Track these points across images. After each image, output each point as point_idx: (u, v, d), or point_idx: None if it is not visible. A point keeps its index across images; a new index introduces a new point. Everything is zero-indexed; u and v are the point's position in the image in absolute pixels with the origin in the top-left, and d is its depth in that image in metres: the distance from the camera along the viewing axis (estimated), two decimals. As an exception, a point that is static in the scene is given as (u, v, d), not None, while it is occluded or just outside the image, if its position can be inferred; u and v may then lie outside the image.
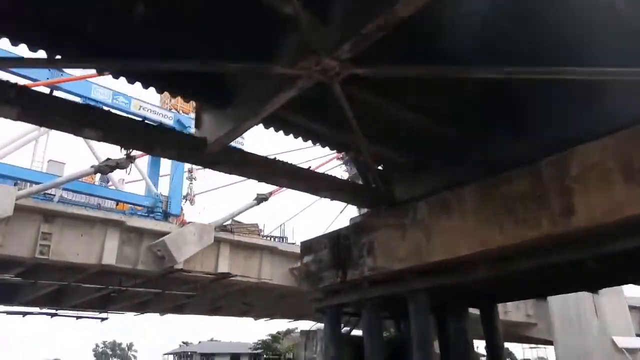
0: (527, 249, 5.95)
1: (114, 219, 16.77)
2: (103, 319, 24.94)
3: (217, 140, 6.38)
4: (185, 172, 24.82)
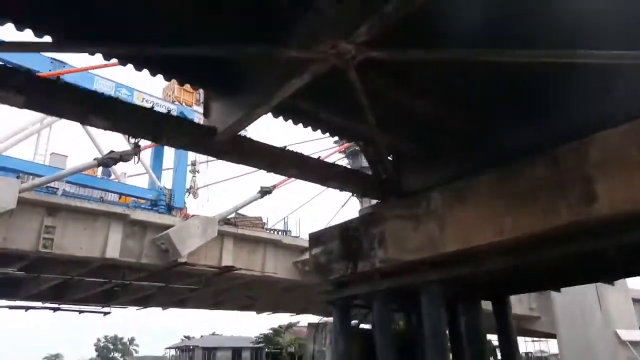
0: (545, 238, 5.81)
1: (118, 212, 16.68)
2: (106, 313, 24.95)
3: (226, 129, 6.24)
4: (188, 165, 24.72)
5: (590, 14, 4.98)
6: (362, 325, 9.38)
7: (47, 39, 5.12)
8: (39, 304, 22.21)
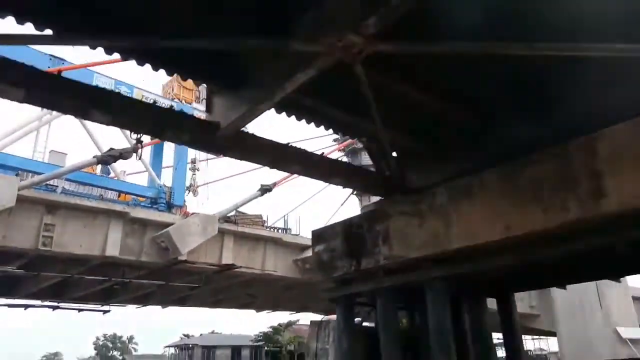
0: (554, 234, 5.74)
1: (117, 210, 16.60)
2: (105, 312, 24.85)
3: (229, 125, 6.15)
4: (188, 162, 24.63)
5: (591, 8, 4.91)
6: (364, 323, 9.31)
7: (48, 32, 5.05)
8: (38, 302, 22.13)
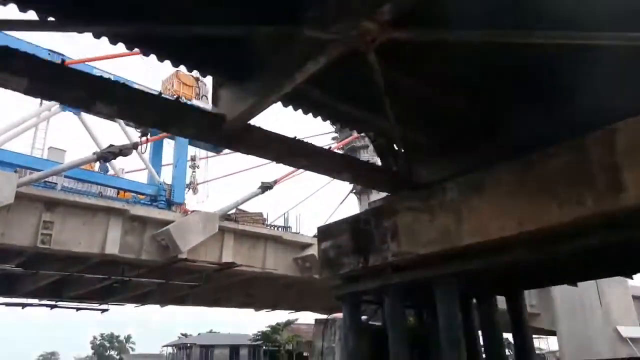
0: (569, 229, 5.60)
1: (117, 207, 16.44)
2: (103, 311, 24.67)
3: (236, 117, 5.99)
4: (188, 160, 24.45)
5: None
6: (370, 321, 9.16)
7: (51, 18, 4.90)
8: (36, 301, 21.93)
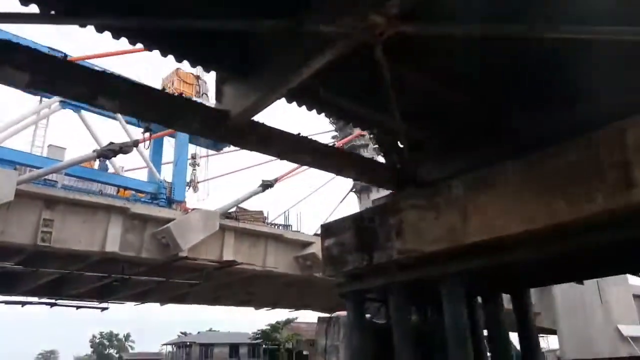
0: (579, 226, 5.52)
1: (118, 205, 16.35)
2: (103, 309, 24.55)
3: (240, 113, 5.93)
4: (188, 158, 24.36)
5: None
6: (373, 319, 9.09)
7: (52, 12, 4.82)
8: (36, 299, 21.83)
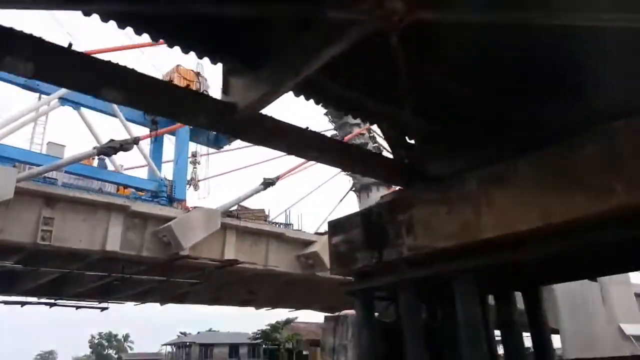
0: (598, 221, 5.35)
1: (118, 203, 16.18)
2: (103, 309, 24.39)
3: (248, 106, 5.75)
4: (189, 157, 24.17)
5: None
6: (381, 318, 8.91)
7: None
8: (35, 299, 21.64)
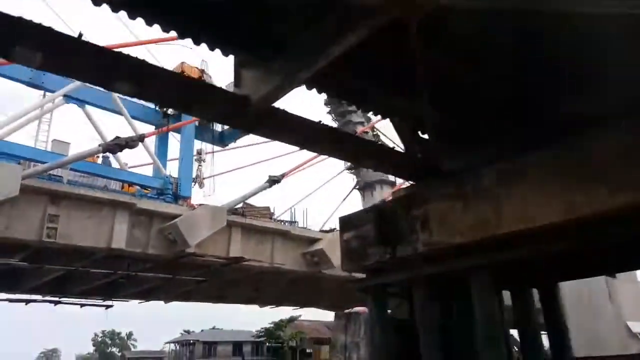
0: (621, 215, 5.22)
1: (124, 200, 16.05)
2: (108, 307, 24.28)
3: (260, 98, 5.63)
4: (194, 155, 24.06)
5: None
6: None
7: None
8: (40, 297, 21.55)
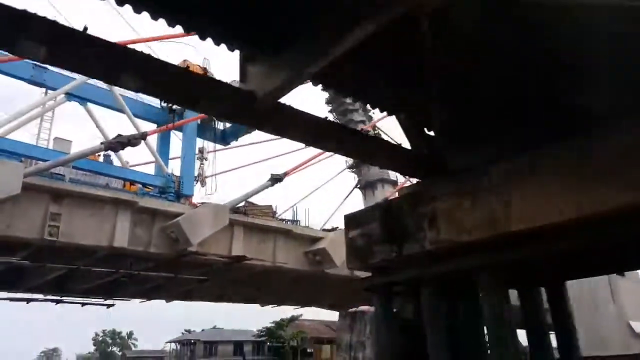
0: (634, 213, 5.15)
1: (126, 199, 15.98)
2: (109, 306, 24.22)
3: (267, 94, 5.55)
4: (196, 154, 23.98)
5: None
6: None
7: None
8: (41, 296, 21.48)
